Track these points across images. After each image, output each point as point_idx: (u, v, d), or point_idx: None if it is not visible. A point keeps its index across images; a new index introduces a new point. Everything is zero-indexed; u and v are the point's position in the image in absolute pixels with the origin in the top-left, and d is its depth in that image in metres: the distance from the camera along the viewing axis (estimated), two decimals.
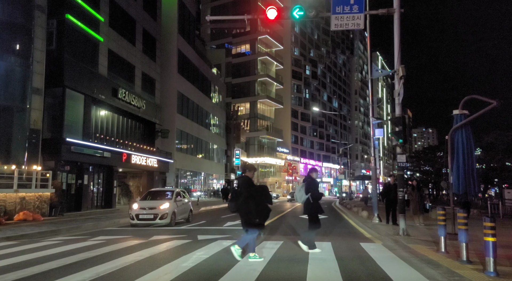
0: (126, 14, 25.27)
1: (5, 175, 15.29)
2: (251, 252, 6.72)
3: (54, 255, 7.41)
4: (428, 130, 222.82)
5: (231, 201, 6.82)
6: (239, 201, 6.62)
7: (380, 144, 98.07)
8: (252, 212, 6.50)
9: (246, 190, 6.64)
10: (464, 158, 8.40)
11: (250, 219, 6.56)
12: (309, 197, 7.54)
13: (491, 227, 5.50)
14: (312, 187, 7.61)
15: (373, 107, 17.14)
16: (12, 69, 16.54)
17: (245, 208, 6.55)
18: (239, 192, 6.73)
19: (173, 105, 32.15)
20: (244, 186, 6.74)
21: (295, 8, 11.04)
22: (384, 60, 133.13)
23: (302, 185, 7.82)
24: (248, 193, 6.60)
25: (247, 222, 6.61)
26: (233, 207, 6.75)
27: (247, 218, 6.59)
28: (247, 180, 6.82)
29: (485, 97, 7.93)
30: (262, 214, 6.60)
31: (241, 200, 6.59)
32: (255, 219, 6.56)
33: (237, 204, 6.64)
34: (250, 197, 6.56)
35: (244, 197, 6.58)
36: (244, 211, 6.60)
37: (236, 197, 6.73)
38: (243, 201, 6.56)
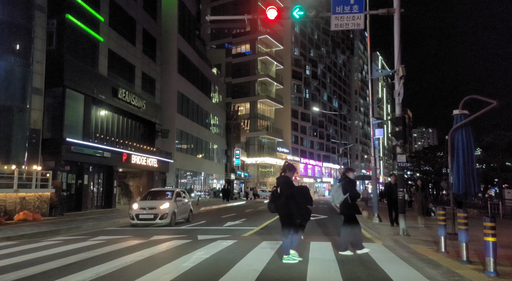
0: (126, 14, 25.28)
1: (5, 175, 15.29)
2: (285, 254, 6.60)
3: (54, 255, 7.41)
4: (428, 130, 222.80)
5: (271, 201, 6.72)
6: (279, 202, 6.51)
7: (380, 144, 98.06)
8: (292, 213, 6.39)
9: (287, 191, 6.50)
10: (464, 158, 8.40)
11: (290, 220, 6.44)
12: (347, 197, 7.38)
13: (491, 227, 5.50)
14: (350, 187, 7.45)
15: (373, 107, 17.14)
16: (12, 69, 16.54)
17: (285, 209, 6.44)
18: (279, 193, 6.59)
19: (173, 105, 32.15)
20: (284, 186, 6.59)
21: (295, 8, 11.05)
22: (384, 60, 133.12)
23: (339, 184, 7.63)
24: (289, 193, 6.47)
25: (287, 223, 6.49)
26: (272, 207, 6.66)
27: (287, 219, 6.48)
28: (287, 180, 6.66)
29: (485, 97, 7.93)
30: (303, 215, 6.49)
31: (281, 201, 6.48)
32: (296, 220, 6.43)
33: (277, 205, 6.53)
34: (290, 198, 6.43)
35: (284, 197, 6.46)
36: (284, 212, 6.49)
37: (276, 198, 6.62)
38: (283, 202, 6.45)
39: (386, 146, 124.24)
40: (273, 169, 64.81)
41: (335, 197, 7.60)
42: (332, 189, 7.95)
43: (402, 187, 11.04)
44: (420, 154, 53.20)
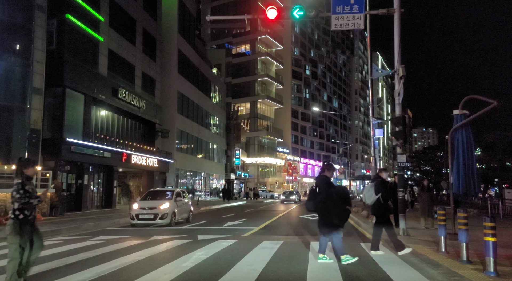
0: (126, 14, 25.27)
1: (5, 175, 15.29)
2: (320, 253, 6.52)
3: (54, 255, 7.42)
4: (428, 130, 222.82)
5: (309, 200, 6.65)
6: (317, 201, 6.44)
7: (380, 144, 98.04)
8: (330, 213, 6.31)
9: (326, 190, 6.42)
10: (464, 158, 8.40)
11: (328, 220, 6.36)
12: (379, 197, 7.29)
13: (491, 227, 5.50)
14: (383, 187, 7.36)
15: (373, 107, 17.16)
16: (12, 69, 16.54)
17: (324, 209, 6.37)
18: (318, 192, 6.51)
19: (173, 105, 32.15)
20: (323, 186, 6.49)
21: (295, 8, 11.05)
22: (384, 60, 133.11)
23: (371, 184, 7.53)
24: (327, 193, 6.39)
25: (325, 223, 6.41)
26: (311, 206, 6.58)
27: (325, 219, 6.40)
28: (326, 180, 6.57)
29: (485, 97, 7.93)
30: (340, 217, 6.38)
31: (319, 200, 6.41)
32: (334, 220, 6.34)
33: (316, 204, 6.46)
34: (329, 198, 6.35)
35: (322, 197, 6.39)
36: (322, 212, 6.42)
37: (314, 197, 6.54)
38: (321, 201, 6.38)
39: (386, 146, 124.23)
40: (273, 169, 64.81)
41: (366, 197, 7.49)
42: (364, 189, 7.82)
43: (402, 187, 11.05)
44: (420, 154, 53.12)
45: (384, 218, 7.42)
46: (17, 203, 4.83)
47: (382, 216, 7.44)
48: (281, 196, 39.37)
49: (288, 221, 15.86)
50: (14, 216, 4.83)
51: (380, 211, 7.45)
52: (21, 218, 4.84)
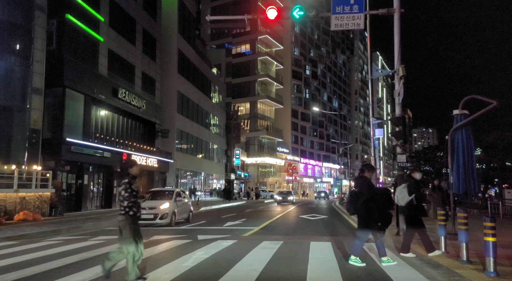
0: (126, 14, 25.27)
1: (5, 175, 15.29)
2: (353, 255, 6.41)
3: (54, 255, 7.42)
4: (428, 130, 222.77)
5: (349, 202, 6.54)
6: (358, 203, 6.32)
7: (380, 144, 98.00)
8: (374, 215, 6.20)
9: (368, 192, 6.30)
10: (464, 158, 8.39)
11: (369, 223, 6.25)
12: (413, 198, 7.15)
13: (491, 227, 5.50)
14: (416, 188, 7.24)
15: (373, 107, 17.15)
16: (12, 69, 16.54)
17: (365, 211, 6.25)
18: (359, 194, 6.39)
19: (173, 105, 32.14)
20: (364, 187, 6.38)
21: (295, 8, 11.05)
22: (384, 60, 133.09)
23: (404, 185, 7.40)
24: (369, 195, 6.27)
25: (365, 226, 6.30)
26: (351, 209, 6.48)
27: (367, 221, 6.27)
28: (367, 181, 6.47)
29: (485, 97, 7.92)
30: (384, 219, 6.28)
31: (361, 202, 6.28)
32: (376, 222, 6.24)
33: (356, 206, 6.35)
34: (371, 200, 6.23)
35: (364, 199, 6.26)
36: (363, 214, 6.30)
37: (354, 199, 6.42)
38: (363, 203, 6.25)
39: (386, 146, 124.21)
40: (273, 169, 64.79)
41: (399, 198, 7.36)
42: (396, 189, 7.67)
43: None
44: (420, 154, 53.14)
45: (417, 220, 7.26)
46: (126, 201, 5.19)
47: (415, 217, 7.28)
48: (277, 196, 36.12)
49: (288, 221, 15.86)
50: (125, 213, 5.19)
51: (413, 212, 7.30)
52: (131, 214, 5.20)
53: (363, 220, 6.32)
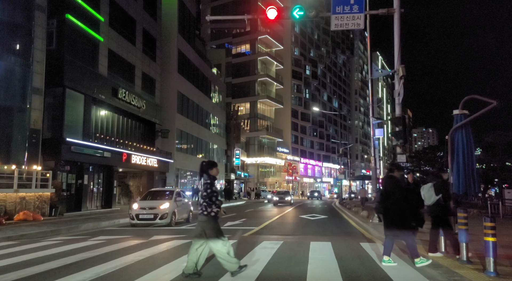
0: (126, 14, 25.27)
1: (5, 175, 15.29)
2: (385, 256, 6.35)
3: (54, 255, 7.42)
4: (428, 130, 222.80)
5: (379, 202, 6.47)
6: (388, 203, 6.25)
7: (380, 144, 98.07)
8: (406, 215, 6.13)
9: (399, 192, 6.23)
10: (464, 158, 8.38)
11: (403, 222, 6.16)
12: (440, 198, 7.07)
13: (491, 227, 5.51)
14: (444, 188, 7.17)
15: (373, 107, 17.14)
16: (12, 69, 16.54)
17: (397, 210, 6.17)
18: (389, 193, 6.32)
19: (173, 105, 32.15)
20: (395, 187, 6.32)
21: (295, 8, 11.05)
22: (384, 60, 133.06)
23: (431, 184, 7.32)
24: (402, 195, 6.21)
25: (398, 225, 6.18)
26: (380, 208, 6.42)
27: (398, 220, 6.17)
28: (397, 181, 6.44)
29: (485, 97, 7.92)
30: (417, 218, 6.22)
31: (392, 202, 6.21)
32: (410, 222, 6.17)
33: (386, 206, 6.28)
34: (403, 199, 6.17)
35: (395, 198, 6.20)
36: (394, 213, 6.21)
37: (385, 198, 6.35)
38: (394, 203, 6.19)
39: (386, 146, 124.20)
40: (273, 169, 64.79)
41: (426, 197, 7.29)
42: (423, 189, 7.58)
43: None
44: (420, 154, 53.13)
45: (443, 219, 7.20)
46: (208, 199, 5.40)
47: (442, 217, 7.22)
48: (274, 197, 32.51)
49: (288, 221, 15.86)
50: (207, 213, 5.39)
51: (440, 212, 7.21)
52: (212, 214, 5.39)
53: (395, 220, 6.22)
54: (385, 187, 6.50)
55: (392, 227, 6.26)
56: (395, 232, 6.26)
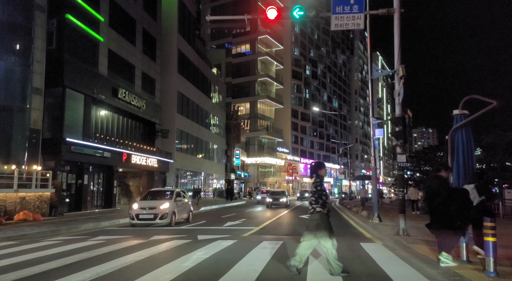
0: (126, 14, 25.27)
1: (5, 175, 15.29)
2: (444, 252, 6.24)
3: (54, 255, 7.41)
4: (428, 130, 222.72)
5: (425, 201, 6.38)
6: (434, 202, 6.19)
7: (380, 144, 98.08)
8: (452, 215, 6.07)
9: (446, 191, 6.19)
10: (464, 158, 8.38)
11: (449, 222, 6.09)
12: (483, 199, 6.88)
13: (491, 227, 5.50)
14: (487, 189, 7.02)
15: (373, 107, 17.14)
16: (12, 69, 16.54)
17: (444, 211, 6.11)
18: (435, 193, 6.25)
19: (173, 105, 32.15)
20: (442, 187, 6.27)
21: (295, 8, 11.05)
22: (384, 60, 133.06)
23: (473, 186, 7.12)
24: (449, 194, 6.18)
25: (444, 225, 6.12)
26: (426, 208, 6.34)
27: (446, 220, 6.10)
28: (444, 181, 6.38)
29: (485, 97, 7.92)
30: (465, 218, 6.15)
31: (439, 202, 6.15)
32: (456, 222, 6.09)
33: (433, 205, 6.20)
34: (450, 199, 6.12)
35: (443, 198, 6.15)
36: (441, 213, 6.15)
37: (430, 198, 6.27)
38: (441, 203, 6.14)
39: (386, 146, 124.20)
40: (273, 169, 64.79)
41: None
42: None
43: (402, 187, 11.07)
44: (420, 154, 53.15)
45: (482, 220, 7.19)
46: (316, 198, 5.56)
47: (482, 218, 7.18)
48: (267, 198, 27.79)
49: (288, 221, 15.86)
50: (319, 211, 5.54)
51: (483, 214, 6.90)
52: (324, 212, 5.54)
53: (442, 220, 6.17)
54: (431, 187, 6.42)
55: (439, 227, 6.23)
56: (441, 232, 6.21)
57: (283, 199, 26.96)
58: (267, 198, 27.54)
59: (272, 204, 26.63)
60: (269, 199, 27.18)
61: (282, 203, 26.69)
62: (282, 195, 27.60)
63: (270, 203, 26.72)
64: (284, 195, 27.76)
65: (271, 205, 26.64)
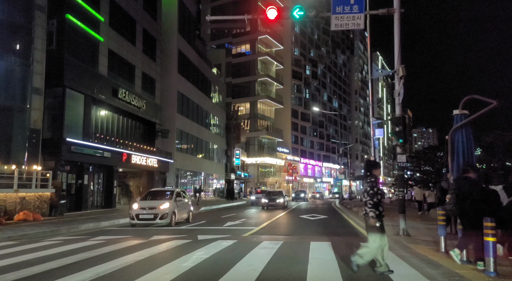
0: (126, 14, 25.27)
1: (5, 175, 15.29)
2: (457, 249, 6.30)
3: (54, 255, 7.42)
4: (428, 130, 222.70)
5: (454, 204, 6.34)
6: (465, 205, 6.13)
7: (380, 144, 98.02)
8: (483, 216, 5.92)
9: (477, 193, 6.14)
10: (464, 158, 8.39)
11: (479, 224, 5.93)
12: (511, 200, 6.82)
13: (491, 227, 5.50)
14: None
15: (373, 107, 17.17)
16: (12, 69, 16.54)
17: (475, 212, 6.04)
18: (465, 195, 6.19)
19: (173, 105, 32.15)
20: (473, 188, 6.21)
21: (295, 8, 11.05)
22: (384, 60, 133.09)
23: (501, 187, 7.07)
24: (479, 196, 6.12)
25: (476, 226, 5.98)
26: (454, 210, 6.31)
27: (477, 222, 5.96)
28: (475, 182, 6.33)
29: (485, 97, 7.92)
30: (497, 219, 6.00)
31: (470, 202, 6.10)
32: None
33: (463, 208, 6.16)
34: (481, 201, 6.07)
35: (474, 199, 6.10)
36: (473, 215, 6.08)
37: (461, 200, 6.22)
38: (471, 205, 6.08)
39: (386, 145, 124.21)
40: (273, 169, 64.79)
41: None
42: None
43: (402, 187, 11.07)
44: (420, 154, 53.12)
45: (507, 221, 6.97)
46: (370, 198, 5.51)
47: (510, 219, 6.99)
48: (262, 198, 26.14)
49: (288, 221, 15.86)
50: (375, 211, 5.50)
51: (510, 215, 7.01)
52: (377, 213, 5.49)
53: (473, 221, 6.09)
54: (460, 189, 6.36)
55: (468, 229, 6.19)
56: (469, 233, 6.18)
57: (280, 199, 25.24)
58: (263, 199, 26.02)
59: (268, 205, 25.03)
60: (264, 199, 25.58)
61: (279, 204, 25.06)
62: (279, 195, 25.93)
63: (266, 204, 25.13)
64: (281, 195, 26.04)
65: (266, 206, 25.06)
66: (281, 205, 25.03)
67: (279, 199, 25.20)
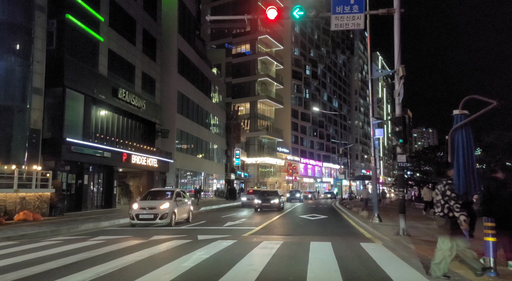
0: (126, 14, 25.27)
1: (5, 175, 15.29)
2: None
3: (54, 255, 7.42)
4: (428, 130, 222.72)
5: (481, 204, 6.32)
6: (493, 205, 6.11)
7: (380, 144, 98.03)
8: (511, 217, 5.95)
9: (506, 193, 6.11)
10: (464, 158, 8.38)
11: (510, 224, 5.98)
12: None
13: (491, 227, 5.50)
14: None
15: (373, 107, 17.14)
16: (12, 69, 16.54)
17: (503, 212, 5.99)
18: (493, 195, 6.17)
19: (173, 105, 32.14)
20: (500, 188, 6.20)
21: (295, 8, 11.06)
22: (384, 60, 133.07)
23: None
24: (508, 196, 6.07)
25: (504, 226, 5.96)
26: (484, 210, 6.23)
27: (506, 222, 5.99)
28: (502, 182, 6.29)
29: (485, 97, 7.92)
30: None
31: (496, 204, 6.07)
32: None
33: (491, 208, 6.11)
34: (509, 201, 6.02)
35: (503, 200, 6.06)
36: (501, 215, 6.00)
37: (489, 201, 6.19)
38: (500, 205, 6.05)
39: (386, 146, 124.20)
40: (273, 169, 64.79)
41: None
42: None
43: (402, 187, 11.08)
44: (420, 154, 53.08)
45: None
46: (453, 201, 5.28)
47: None
48: (255, 199, 23.82)
49: (288, 221, 15.86)
50: (444, 215, 5.35)
51: None
52: (450, 215, 5.32)
53: (502, 223, 6.02)
54: (488, 189, 6.34)
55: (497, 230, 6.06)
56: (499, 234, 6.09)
57: (274, 200, 23.01)
58: (255, 199, 23.62)
59: (262, 206, 22.78)
60: (257, 200, 23.19)
61: (274, 205, 22.87)
62: (273, 196, 23.76)
63: (259, 205, 22.81)
64: (276, 196, 23.85)
65: (260, 207, 22.78)
66: (276, 206, 22.97)
67: (273, 199, 23.12)
